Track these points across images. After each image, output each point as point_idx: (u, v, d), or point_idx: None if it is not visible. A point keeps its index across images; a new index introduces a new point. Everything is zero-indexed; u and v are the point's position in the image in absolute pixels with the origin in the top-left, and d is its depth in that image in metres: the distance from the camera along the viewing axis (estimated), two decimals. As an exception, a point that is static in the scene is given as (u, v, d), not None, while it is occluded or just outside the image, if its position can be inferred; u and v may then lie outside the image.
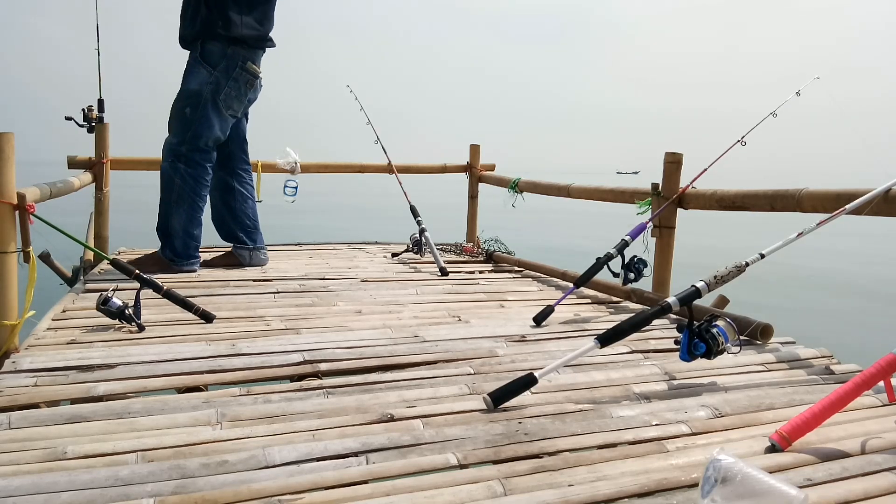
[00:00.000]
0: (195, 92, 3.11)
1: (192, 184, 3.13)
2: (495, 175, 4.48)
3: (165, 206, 3.14)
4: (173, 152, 3.12)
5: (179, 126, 3.12)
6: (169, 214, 3.13)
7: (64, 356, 1.82)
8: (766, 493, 1.01)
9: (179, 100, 3.14)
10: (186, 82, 3.15)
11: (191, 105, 3.11)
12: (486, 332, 2.18)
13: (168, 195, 3.13)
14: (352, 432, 1.38)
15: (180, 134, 3.12)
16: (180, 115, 3.12)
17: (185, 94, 3.13)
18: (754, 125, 2.56)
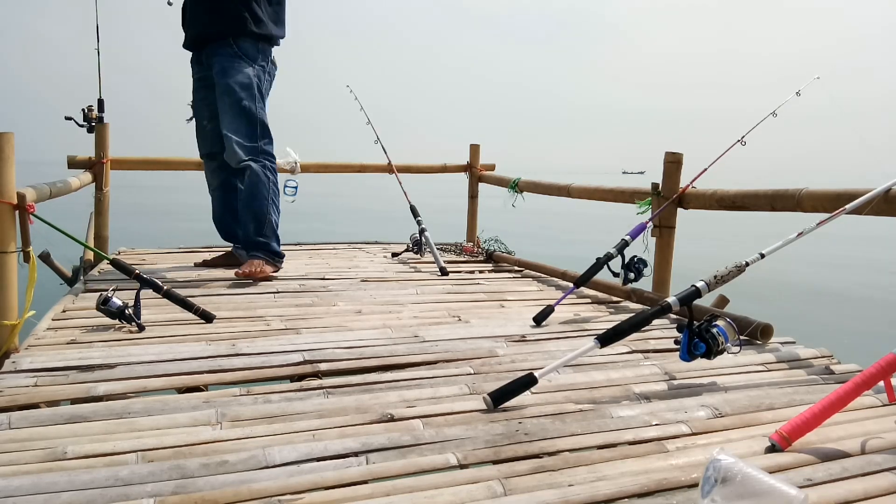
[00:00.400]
0: (247, 84, 3.02)
1: (276, 178, 3.10)
2: (495, 175, 4.48)
3: (263, 204, 3.03)
4: (253, 150, 3.02)
5: (245, 120, 3.00)
6: (268, 213, 3.05)
7: (64, 356, 1.82)
8: (766, 494, 1.01)
9: (230, 94, 2.99)
10: (231, 76, 3.00)
11: (247, 96, 3.00)
12: (486, 332, 2.18)
13: (265, 193, 3.03)
14: (352, 432, 1.38)
15: (249, 128, 3.01)
16: (239, 108, 2.99)
17: (237, 87, 2.99)
18: (754, 125, 2.56)
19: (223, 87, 3.00)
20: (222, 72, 3.01)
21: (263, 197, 3.02)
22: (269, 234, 3.03)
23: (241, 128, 3.00)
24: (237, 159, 3.00)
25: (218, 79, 3.01)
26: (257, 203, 3.02)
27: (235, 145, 2.99)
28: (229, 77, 3.00)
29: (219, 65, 3.02)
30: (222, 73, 3.01)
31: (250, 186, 3.01)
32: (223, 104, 3.00)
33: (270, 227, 3.04)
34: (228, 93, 3.00)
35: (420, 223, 3.76)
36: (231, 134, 2.99)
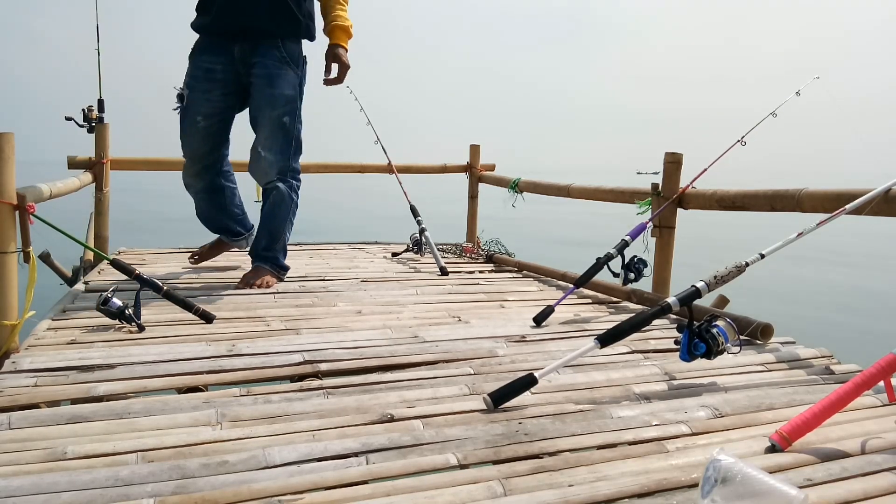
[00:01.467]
0: (292, 98, 2.81)
1: (298, 196, 2.98)
2: (495, 175, 4.48)
3: (282, 225, 2.91)
4: (284, 168, 2.86)
5: (282, 137, 2.81)
6: (284, 231, 2.94)
7: (64, 356, 1.82)
8: (766, 494, 1.01)
9: (273, 106, 2.77)
10: (278, 86, 2.77)
11: (289, 113, 2.80)
12: (486, 333, 2.18)
13: (286, 214, 2.91)
14: (352, 432, 1.38)
15: (286, 148, 2.84)
16: (279, 123, 2.79)
17: (282, 100, 2.78)
18: (754, 125, 2.57)
19: (267, 98, 2.77)
20: (268, 80, 2.77)
21: (284, 218, 2.92)
22: (278, 249, 2.96)
23: (275, 145, 2.82)
24: (267, 179, 2.86)
25: (262, 87, 2.77)
26: (276, 223, 2.90)
27: (267, 164, 2.83)
28: (276, 87, 2.77)
29: (263, 70, 2.77)
30: (268, 81, 2.77)
31: (273, 206, 2.88)
32: (262, 116, 2.79)
33: (282, 244, 2.96)
34: (272, 105, 2.77)
35: (420, 223, 3.76)
36: (265, 151, 2.82)
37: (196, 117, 2.83)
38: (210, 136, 2.87)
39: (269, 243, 2.92)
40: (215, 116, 2.85)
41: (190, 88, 2.83)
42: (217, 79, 2.80)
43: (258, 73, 2.77)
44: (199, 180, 2.97)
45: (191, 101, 2.84)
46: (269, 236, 2.92)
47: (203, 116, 2.83)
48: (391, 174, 4.26)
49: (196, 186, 2.99)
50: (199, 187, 2.99)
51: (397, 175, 4.22)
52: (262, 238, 2.92)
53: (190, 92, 2.83)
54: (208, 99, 2.82)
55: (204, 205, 3.07)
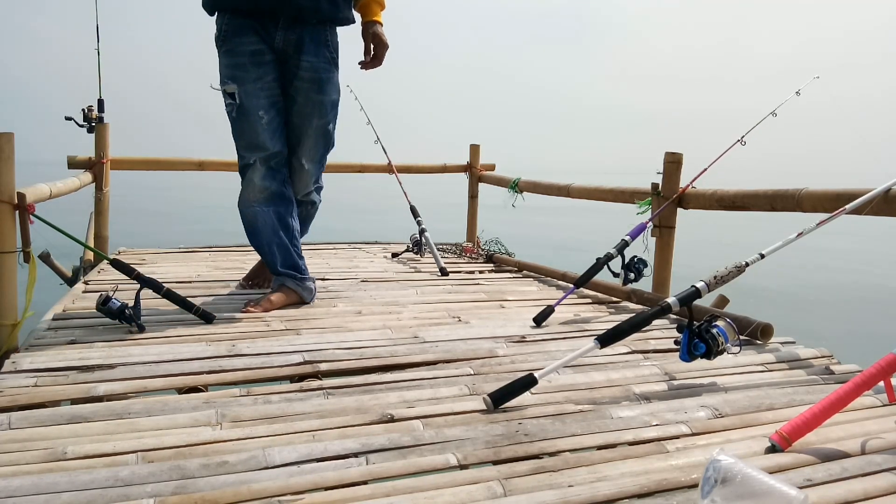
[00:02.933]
0: (336, 102, 2.55)
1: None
2: (495, 175, 4.48)
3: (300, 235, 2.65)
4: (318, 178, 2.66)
5: (324, 149, 2.57)
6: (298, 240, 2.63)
7: (64, 356, 1.82)
8: (766, 494, 1.01)
9: (321, 114, 2.49)
10: (328, 91, 2.48)
11: (333, 119, 2.55)
12: (486, 333, 2.18)
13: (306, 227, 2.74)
14: (352, 433, 1.38)
15: (324, 157, 2.61)
16: (324, 132, 2.53)
17: (329, 108, 2.50)
18: (754, 125, 2.57)
19: (316, 106, 2.46)
20: (318, 85, 2.44)
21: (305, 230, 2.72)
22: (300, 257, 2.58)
23: (317, 155, 2.57)
24: (306, 191, 2.62)
25: (309, 92, 2.44)
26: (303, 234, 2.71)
27: (308, 177, 2.58)
28: (325, 93, 2.46)
29: (313, 73, 2.43)
30: (318, 86, 2.44)
31: (307, 220, 2.72)
32: (308, 125, 2.48)
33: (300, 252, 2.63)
34: (320, 114, 2.48)
35: (420, 223, 3.77)
36: (309, 163, 2.55)
37: (258, 112, 2.37)
38: (276, 132, 2.43)
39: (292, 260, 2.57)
40: (275, 107, 2.42)
41: (238, 81, 2.36)
42: (267, 61, 2.37)
43: (305, 77, 2.43)
44: (263, 189, 2.44)
45: (245, 96, 2.36)
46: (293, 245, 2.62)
47: (265, 110, 2.39)
48: (391, 174, 4.26)
49: (259, 199, 2.45)
50: (262, 198, 2.45)
51: (397, 175, 4.22)
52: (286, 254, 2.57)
53: (239, 85, 2.36)
54: (262, 87, 2.37)
55: (270, 225, 2.47)
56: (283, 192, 2.48)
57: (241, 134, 2.41)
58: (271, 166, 2.44)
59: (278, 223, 2.48)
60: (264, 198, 2.44)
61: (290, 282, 2.51)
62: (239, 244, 3.86)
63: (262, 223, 2.47)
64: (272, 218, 2.46)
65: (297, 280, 2.52)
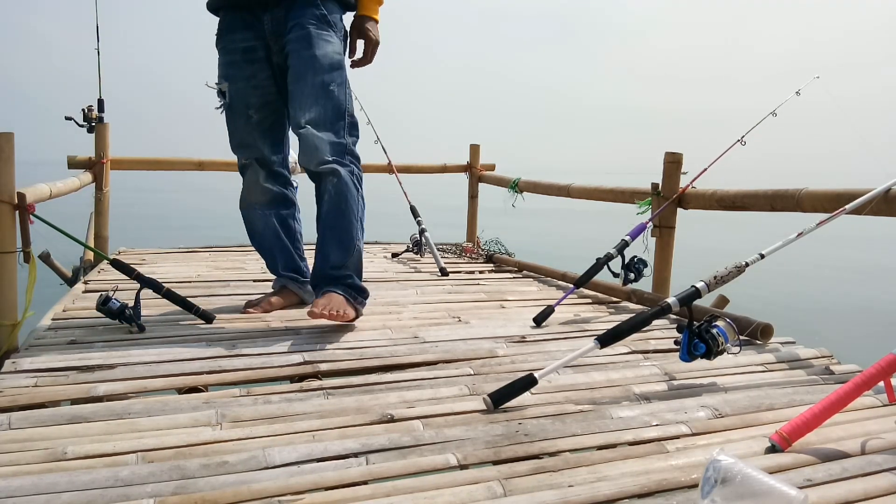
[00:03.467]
0: (338, 62, 2.22)
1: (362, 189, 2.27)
2: (495, 175, 4.48)
3: (352, 225, 2.18)
4: (340, 149, 2.18)
5: (332, 108, 2.17)
6: (357, 237, 2.20)
7: (64, 356, 1.82)
8: (766, 494, 1.01)
9: (315, 70, 2.15)
10: (319, 46, 2.17)
11: (336, 79, 2.20)
12: (486, 333, 2.18)
13: (355, 209, 2.19)
14: (352, 433, 1.38)
15: (336, 119, 2.19)
16: (325, 91, 2.16)
17: (326, 64, 2.17)
18: (754, 125, 2.57)
19: (307, 61, 2.15)
20: (306, 40, 2.17)
21: (353, 214, 2.18)
22: (353, 266, 2.20)
23: (326, 117, 2.16)
24: (319, 159, 2.13)
25: (300, 50, 2.16)
26: (345, 221, 2.17)
27: (317, 140, 2.13)
28: (316, 48, 2.16)
29: (301, 31, 2.17)
30: (306, 41, 2.16)
31: (337, 199, 2.14)
32: (303, 84, 2.16)
33: (357, 257, 2.21)
34: (314, 69, 2.15)
35: (420, 223, 3.77)
36: (312, 126, 2.14)
37: (247, 112, 2.28)
38: (267, 133, 2.33)
39: (340, 255, 2.16)
40: (268, 107, 2.30)
41: (229, 79, 2.27)
42: (259, 58, 2.25)
43: (294, 38, 2.18)
44: (262, 192, 2.38)
45: (235, 94, 2.27)
46: (340, 244, 2.16)
47: (255, 109, 2.28)
48: (391, 174, 4.26)
49: (259, 200, 2.39)
50: (263, 200, 2.39)
51: (397, 175, 4.22)
52: (330, 249, 2.17)
53: (231, 83, 2.27)
54: (255, 86, 2.27)
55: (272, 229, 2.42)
56: (284, 194, 2.43)
57: (232, 133, 2.34)
58: (272, 169, 2.38)
59: (280, 226, 2.43)
60: (266, 200, 2.39)
61: (291, 284, 2.47)
62: (239, 244, 3.86)
63: (263, 226, 2.42)
64: (273, 221, 2.42)
65: (298, 283, 2.47)
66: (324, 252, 2.18)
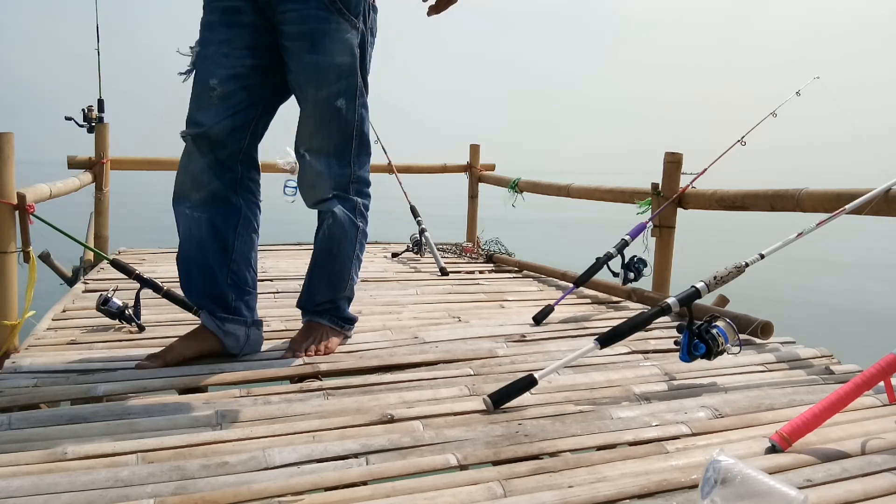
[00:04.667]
0: (349, 67, 1.82)
1: (366, 218, 2.01)
2: (495, 175, 4.48)
3: (345, 266, 1.98)
4: (343, 180, 1.90)
5: (339, 135, 1.86)
6: (350, 276, 2.01)
7: (64, 357, 1.82)
8: (766, 494, 1.01)
9: (320, 83, 1.80)
10: (326, 49, 1.78)
11: (345, 92, 1.82)
12: (486, 333, 2.17)
13: (349, 252, 1.97)
14: (352, 433, 1.38)
15: (342, 142, 1.87)
16: (329, 109, 1.82)
17: (332, 74, 1.80)
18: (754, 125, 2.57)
19: (308, 70, 1.80)
20: (307, 38, 1.78)
21: (346, 256, 1.96)
22: (341, 298, 2.03)
23: (330, 143, 1.86)
24: (315, 197, 1.90)
25: (299, 52, 1.79)
26: (336, 264, 1.96)
27: (314, 175, 1.87)
28: (321, 51, 1.78)
29: (300, 25, 1.78)
30: (309, 42, 1.78)
31: (329, 241, 1.93)
32: (303, 100, 1.84)
33: (347, 292, 2.03)
34: (317, 81, 1.80)
35: (420, 223, 3.77)
36: (311, 155, 1.86)
37: (209, 81, 1.79)
38: (228, 112, 1.79)
39: (327, 296, 1.99)
40: (237, 81, 1.79)
41: (202, 43, 1.83)
42: (243, 23, 1.79)
43: (292, 33, 1.79)
44: (200, 180, 1.81)
45: (201, 61, 1.82)
46: (328, 285, 1.98)
47: (220, 80, 1.78)
48: (391, 174, 4.26)
49: (194, 193, 1.82)
50: (197, 197, 1.82)
51: (397, 175, 4.22)
52: (316, 289, 1.99)
53: (202, 47, 1.83)
54: (227, 53, 1.79)
55: (196, 238, 1.84)
56: (227, 196, 1.84)
57: (190, 106, 1.84)
58: (220, 158, 1.81)
59: (209, 237, 1.83)
60: (199, 198, 1.82)
61: (210, 321, 1.83)
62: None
63: (185, 232, 1.84)
64: (202, 228, 1.82)
65: (218, 320, 1.83)
66: (311, 289, 2.00)
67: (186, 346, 1.83)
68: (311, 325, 1.99)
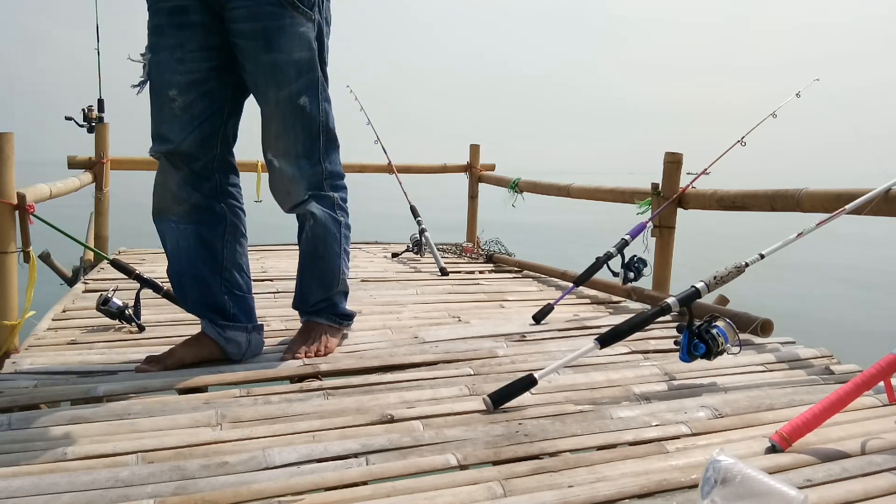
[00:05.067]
0: (307, 62, 1.74)
1: (347, 212, 1.98)
2: (495, 175, 4.48)
3: (334, 263, 1.95)
4: (316, 179, 1.85)
5: (306, 135, 1.79)
6: (340, 271, 1.97)
7: (64, 357, 1.82)
8: (766, 494, 1.01)
9: (280, 84, 1.72)
10: (283, 47, 1.70)
11: (308, 89, 1.76)
12: (486, 333, 2.17)
13: (336, 248, 1.93)
14: (352, 433, 1.38)
15: (309, 142, 1.81)
16: (296, 111, 1.76)
17: (291, 72, 1.73)
18: (754, 126, 2.57)
19: (266, 71, 1.72)
20: (261, 37, 1.69)
21: (333, 253, 1.93)
22: (337, 294, 2.01)
23: (297, 144, 1.79)
24: (290, 203, 1.86)
25: (254, 51, 1.70)
26: (324, 263, 1.94)
27: (287, 179, 1.81)
28: (278, 48, 1.69)
29: (250, 17, 1.68)
30: (262, 39, 1.69)
31: (314, 243, 1.91)
32: (264, 103, 1.77)
33: (340, 288, 2.00)
34: (276, 81, 1.72)
35: (420, 223, 3.77)
36: (280, 159, 1.79)
37: (167, 92, 1.71)
38: (193, 122, 1.72)
39: (321, 294, 1.97)
40: (196, 88, 1.72)
41: (152, 49, 1.74)
42: (193, 23, 1.70)
43: (244, 32, 1.70)
44: (178, 198, 1.78)
45: (155, 69, 1.73)
46: (319, 285, 1.97)
47: (179, 89, 1.71)
48: (391, 174, 4.26)
49: (175, 207, 1.79)
50: (179, 210, 1.79)
51: (397, 175, 4.22)
52: (310, 289, 1.98)
53: (153, 54, 1.73)
54: (181, 59, 1.70)
55: (185, 250, 1.81)
56: (210, 206, 1.81)
57: (152, 119, 1.77)
58: (194, 171, 1.77)
59: (198, 248, 1.80)
60: (183, 211, 1.78)
61: (209, 329, 1.84)
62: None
63: (173, 246, 1.81)
64: (190, 240, 1.80)
65: (218, 327, 1.83)
66: (303, 291, 1.99)
67: (187, 352, 1.82)
68: (310, 326, 1.98)
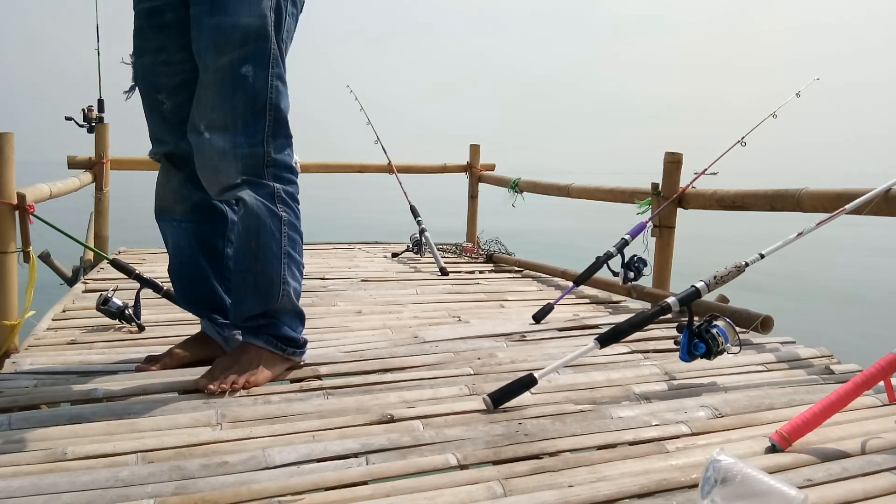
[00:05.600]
0: (258, 28, 1.57)
1: (296, 211, 1.71)
2: (495, 175, 4.48)
3: (271, 265, 1.65)
4: (254, 162, 1.61)
5: (245, 105, 1.58)
6: (276, 276, 1.66)
7: (64, 357, 1.82)
8: (766, 494, 1.01)
9: (220, 50, 1.55)
10: (228, 9, 1.54)
11: (253, 57, 1.57)
12: (486, 332, 2.17)
13: (270, 248, 1.64)
14: (352, 433, 1.38)
15: (252, 120, 1.59)
16: (235, 79, 1.56)
17: (234, 36, 1.55)
18: (754, 126, 2.57)
19: (207, 34, 1.56)
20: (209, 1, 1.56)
21: (272, 255, 1.65)
22: (278, 310, 1.69)
23: (233, 115, 1.58)
24: (219, 184, 1.61)
25: (199, 13, 1.57)
26: (259, 264, 1.65)
27: (216, 155, 1.58)
28: (224, 11, 1.55)
29: None
30: (210, 2, 1.56)
31: (245, 236, 1.65)
32: (202, 69, 1.58)
33: (288, 299, 1.69)
34: (216, 46, 1.56)
35: (420, 223, 3.77)
36: (213, 131, 1.57)
37: (156, 95, 1.69)
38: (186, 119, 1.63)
39: (255, 306, 1.67)
40: (185, 89, 1.64)
41: (137, 52, 1.70)
42: (167, 23, 1.64)
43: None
44: (179, 197, 1.76)
45: (141, 72, 1.70)
46: (254, 293, 1.67)
47: (167, 92, 1.68)
48: (391, 174, 4.27)
49: (176, 208, 1.77)
50: (179, 210, 1.76)
51: (397, 175, 4.22)
52: (240, 298, 1.70)
53: (137, 57, 1.70)
54: (166, 61, 1.66)
55: (184, 242, 1.77)
56: (211, 205, 1.76)
57: (147, 122, 1.74)
58: (194, 171, 1.66)
59: (198, 246, 1.77)
60: (184, 210, 1.75)
61: (210, 329, 1.80)
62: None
63: (174, 242, 1.78)
64: (190, 238, 1.76)
65: (216, 326, 1.79)
66: (235, 300, 1.72)
67: (186, 351, 1.80)
68: (243, 348, 1.69)
